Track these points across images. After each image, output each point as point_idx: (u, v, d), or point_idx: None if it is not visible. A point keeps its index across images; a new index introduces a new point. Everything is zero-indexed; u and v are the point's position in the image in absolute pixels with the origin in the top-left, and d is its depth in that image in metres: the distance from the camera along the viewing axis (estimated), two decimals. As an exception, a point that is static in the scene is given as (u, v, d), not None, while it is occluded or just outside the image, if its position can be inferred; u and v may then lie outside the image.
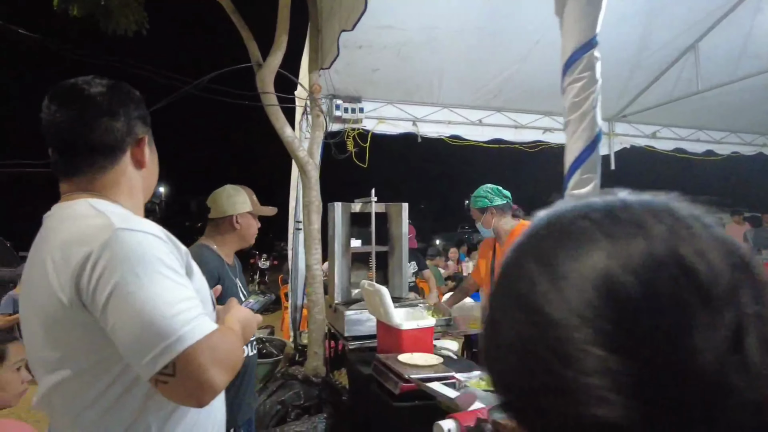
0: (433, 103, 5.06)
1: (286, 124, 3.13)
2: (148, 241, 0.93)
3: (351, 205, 3.44)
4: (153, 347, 0.85)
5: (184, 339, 0.86)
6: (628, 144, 6.16)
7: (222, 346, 0.92)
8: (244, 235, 2.32)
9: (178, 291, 0.91)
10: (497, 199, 3.11)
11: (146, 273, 0.89)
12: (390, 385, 2.20)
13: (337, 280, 3.33)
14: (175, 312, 0.87)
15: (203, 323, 0.90)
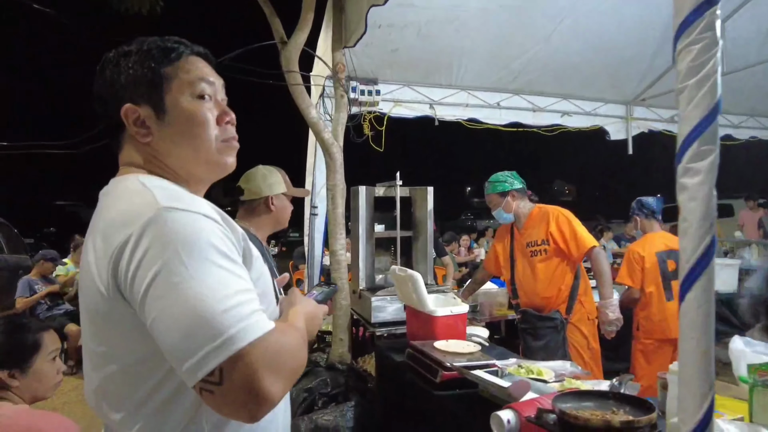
0: (450, 86, 4.93)
1: (311, 105, 3.03)
2: (199, 223, 0.80)
3: (375, 189, 3.34)
4: (197, 350, 0.73)
5: (235, 340, 0.73)
6: (645, 129, 6.05)
7: (281, 348, 0.79)
8: (279, 217, 2.24)
9: (231, 282, 0.78)
10: (516, 182, 3.08)
11: (194, 260, 0.76)
12: (429, 373, 2.13)
13: (361, 265, 3.25)
14: (227, 307, 0.75)
15: (259, 321, 0.78)
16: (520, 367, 2.19)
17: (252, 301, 0.80)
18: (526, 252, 3.04)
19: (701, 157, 0.85)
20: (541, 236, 2.97)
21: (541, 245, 2.97)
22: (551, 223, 2.94)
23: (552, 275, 2.92)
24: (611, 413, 1.38)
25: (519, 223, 3.13)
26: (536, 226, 3.02)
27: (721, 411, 1.60)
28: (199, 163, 0.97)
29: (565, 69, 4.99)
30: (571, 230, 2.90)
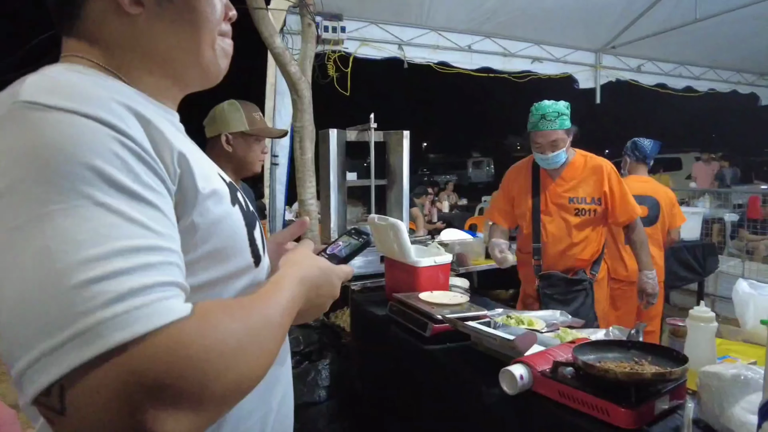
0: (420, 25, 4.62)
1: (276, 33, 2.67)
2: (78, 131, 0.49)
3: (347, 133, 3.07)
4: (27, 347, 0.44)
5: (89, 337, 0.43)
6: (614, 78, 5.98)
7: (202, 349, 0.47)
8: (240, 160, 1.95)
9: (114, 233, 0.47)
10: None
11: (54, 191, 0.46)
12: (417, 326, 1.96)
13: (332, 216, 3.01)
14: (88, 278, 0.44)
15: (150, 305, 0.46)
16: (510, 317, 2.06)
17: (156, 267, 0.48)
18: (569, 209, 2.49)
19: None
20: (592, 193, 2.47)
21: (591, 204, 2.46)
22: (605, 180, 2.46)
23: (590, 236, 2.50)
24: (637, 364, 1.25)
25: (556, 171, 2.53)
26: (585, 180, 2.49)
27: (734, 356, 1.53)
28: (194, 62, 0.67)
29: (539, 13, 4.77)
30: (622, 192, 2.48)
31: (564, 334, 1.86)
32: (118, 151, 0.50)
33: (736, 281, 4.70)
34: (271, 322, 0.57)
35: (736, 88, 7.01)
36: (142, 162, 0.52)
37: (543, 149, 2.45)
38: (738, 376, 1.13)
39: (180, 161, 0.58)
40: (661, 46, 5.74)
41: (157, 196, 0.52)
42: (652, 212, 3.20)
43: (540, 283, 2.59)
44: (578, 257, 2.52)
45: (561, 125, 2.41)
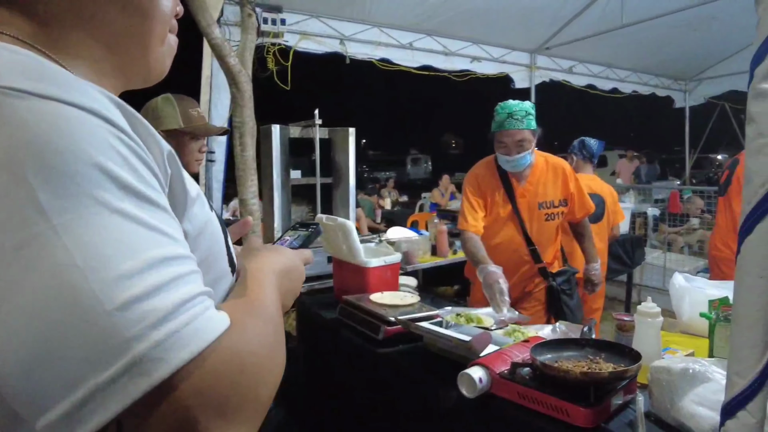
0: (362, 21, 4.56)
1: (214, 23, 2.50)
2: (78, 126, 0.41)
3: (290, 129, 2.96)
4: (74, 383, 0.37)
5: (146, 368, 0.38)
6: (547, 78, 6.21)
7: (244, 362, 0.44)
8: None
9: (142, 243, 0.41)
10: None
11: (63, 199, 0.38)
12: (369, 329, 1.91)
13: (276, 215, 2.90)
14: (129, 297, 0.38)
15: (202, 317, 0.43)
16: (459, 316, 2.06)
17: (187, 278, 0.43)
18: (539, 214, 2.42)
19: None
20: (558, 196, 2.42)
21: (559, 207, 2.42)
22: (570, 182, 2.42)
23: (554, 238, 2.51)
24: (593, 362, 1.27)
25: (521, 174, 2.41)
26: (549, 182, 2.42)
27: (674, 347, 1.60)
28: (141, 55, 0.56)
29: (478, 12, 4.85)
30: (579, 190, 2.46)
31: (514, 331, 1.88)
32: (119, 147, 0.43)
33: (661, 271, 5.03)
34: (275, 321, 0.55)
35: (655, 91, 7.51)
36: (140, 160, 0.45)
37: (509, 150, 2.33)
38: (687, 370, 1.16)
39: (170, 161, 0.50)
40: (590, 48, 6.02)
41: (162, 198, 0.46)
42: (599, 209, 3.33)
43: (556, 281, 2.47)
44: (547, 261, 2.51)
45: (528, 125, 2.30)
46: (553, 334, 1.83)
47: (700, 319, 1.58)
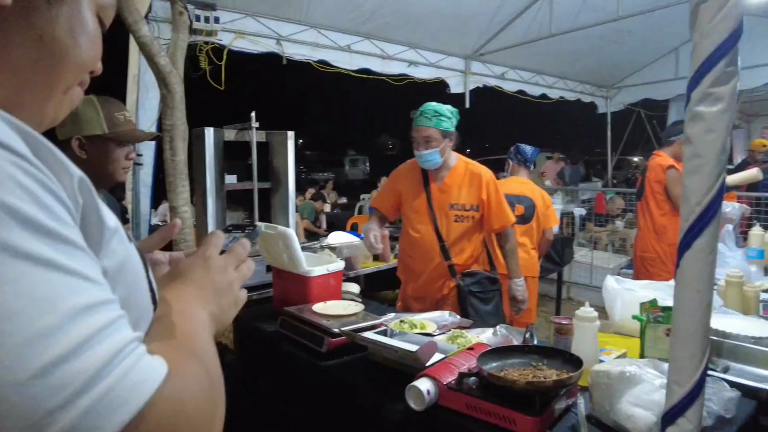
0: (300, 21, 4.47)
1: (141, 20, 2.32)
2: None
3: (225, 132, 2.83)
4: None
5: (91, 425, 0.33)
6: (481, 83, 6.39)
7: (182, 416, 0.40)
8: (98, 169, 1.66)
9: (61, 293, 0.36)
10: (455, 125, 2.48)
11: None
12: (312, 342, 1.86)
13: (210, 223, 2.76)
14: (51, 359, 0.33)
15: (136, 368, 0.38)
16: (402, 322, 2.05)
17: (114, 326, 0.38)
18: (449, 215, 2.51)
19: (725, 81, 0.70)
20: (471, 200, 2.50)
21: (470, 211, 2.50)
22: (484, 188, 2.49)
23: (467, 242, 2.54)
24: (537, 369, 1.30)
25: (439, 175, 2.52)
26: (465, 186, 2.51)
27: (609, 348, 1.67)
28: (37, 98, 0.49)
29: (414, 17, 4.91)
30: (498, 200, 2.52)
31: (457, 336, 1.89)
32: (21, 179, 0.36)
33: (588, 269, 5.30)
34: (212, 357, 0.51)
35: (580, 97, 7.95)
36: (48, 191, 0.38)
37: (417, 145, 2.46)
38: (624, 373, 1.21)
39: (82, 189, 0.43)
40: (521, 56, 6.27)
41: (76, 233, 0.40)
42: (528, 212, 3.46)
43: (464, 281, 2.54)
44: (457, 263, 2.54)
45: (437, 124, 2.41)
46: (494, 338, 1.86)
47: (631, 319, 1.66)
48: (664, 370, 1.24)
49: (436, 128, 2.41)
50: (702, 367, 0.78)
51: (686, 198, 0.76)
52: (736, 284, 2.10)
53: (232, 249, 0.69)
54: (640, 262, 3.54)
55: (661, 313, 1.47)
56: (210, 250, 0.66)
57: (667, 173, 3.39)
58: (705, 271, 0.75)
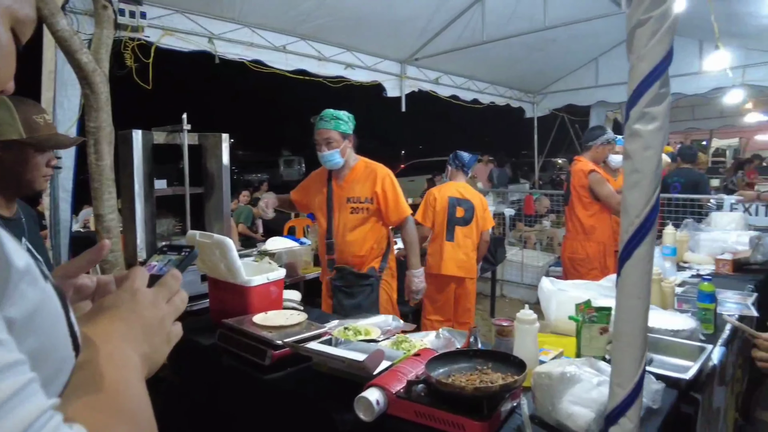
0: (233, 20, 4.32)
1: (58, 12, 2.12)
2: None
3: (154, 135, 2.68)
4: None
5: None
6: (416, 88, 6.49)
7: None
8: (14, 177, 1.52)
9: None
10: (353, 128, 2.76)
11: None
12: (254, 354, 1.80)
13: (138, 231, 2.60)
14: None
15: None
16: (347, 329, 2.04)
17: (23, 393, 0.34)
18: (346, 207, 2.76)
19: (659, 101, 0.75)
20: (366, 194, 2.73)
21: (365, 203, 2.72)
22: (378, 183, 2.71)
23: (366, 234, 2.75)
24: (483, 373, 1.33)
25: (340, 174, 2.79)
26: (361, 182, 2.76)
27: (547, 347, 1.74)
28: None
29: (351, 20, 4.90)
30: (394, 195, 2.73)
31: (401, 341, 1.90)
32: None
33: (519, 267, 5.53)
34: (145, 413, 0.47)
35: (510, 102, 8.30)
36: None
37: (319, 146, 2.69)
38: (564, 374, 1.27)
39: None
40: (454, 62, 6.44)
41: None
42: (468, 214, 3.61)
43: (333, 276, 2.80)
44: (357, 254, 2.75)
45: (336, 126, 2.66)
46: (437, 341, 1.89)
47: (566, 319, 1.74)
48: (600, 369, 1.32)
49: (335, 130, 2.66)
50: (641, 369, 0.82)
51: (626, 211, 0.81)
52: (655, 281, 2.26)
53: (163, 281, 0.63)
54: (569, 263, 3.74)
55: (596, 314, 1.55)
56: (137, 283, 0.61)
57: (589, 177, 3.60)
58: (644, 279, 0.80)
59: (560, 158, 17.16)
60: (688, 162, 5.82)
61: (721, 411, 2.02)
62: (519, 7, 5.43)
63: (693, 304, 2.21)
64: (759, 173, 10.10)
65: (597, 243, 3.59)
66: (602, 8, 5.14)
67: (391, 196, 2.72)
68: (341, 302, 2.78)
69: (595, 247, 3.59)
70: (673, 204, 5.20)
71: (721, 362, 1.84)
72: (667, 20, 0.74)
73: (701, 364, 1.60)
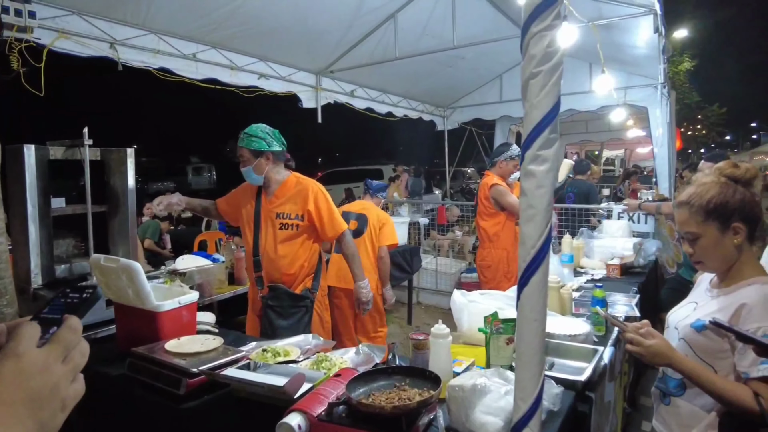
0: (138, 25, 4.08)
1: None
2: None
3: (49, 150, 2.48)
4: None
5: None
6: (332, 99, 6.53)
7: None
8: None
9: None
10: (276, 144, 2.68)
11: None
12: (168, 384, 1.73)
13: (32, 254, 2.38)
14: None
15: None
16: (265, 351, 2.02)
17: None
18: (275, 223, 2.69)
19: (549, 145, 0.85)
20: (296, 211, 2.68)
21: (295, 220, 2.67)
22: (310, 200, 2.67)
23: (296, 252, 2.69)
24: (401, 390, 1.39)
25: (268, 189, 2.74)
26: (292, 199, 2.70)
27: (460, 358, 1.85)
28: None
29: (266, 30, 4.84)
30: (328, 211, 2.70)
31: (322, 360, 1.92)
32: None
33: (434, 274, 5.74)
34: None
35: (422, 116, 8.60)
36: None
37: (240, 163, 2.70)
38: (476, 386, 1.37)
39: None
40: (369, 75, 6.57)
41: None
42: (360, 226, 3.77)
43: (263, 294, 2.70)
44: (286, 272, 2.69)
45: (246, 145, 2.65)
46: (357, 357, 1.93)
47: (477, 330, 1.86)
48: (508, 378, 1.43)
49: (246, 148, 2.65)
50: (540, 384, 0.92)
51: (523, 242, 0.91)
52: (554, 288, 2.48)
53: (58, 336, 0.54)
54: (479, 269, 3.99)
55: (502, 325, 1.67)
56: (23, 346, 0.51)
57: (491, 191, 3.83)
58: (540, 303, 0.90)
59: (469, 167, 18.08)
60: (580, 174, 6.40)
61: (612, 404, 2.25)
62: (429, 26, 5.67)
63: (588, 308, 2.44)
64: (641, 182, 11.35)
65: (501, 249, 3.84)
66: (506, 30, 5.53)
67: (325, 212, 2.69)
68: (272, 322, 2.67)
69: (499, 253, 3.84)
70: (570, 213, 5.67)
71: (611, 360, 2.06)
72: (555, 73, 0.85)
73: (594, 364, 1.79)
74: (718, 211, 1.44)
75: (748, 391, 1.29)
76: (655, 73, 6.17)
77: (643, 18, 4.60)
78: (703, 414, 1.45)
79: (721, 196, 1.45)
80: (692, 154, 24.51)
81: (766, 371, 1.27)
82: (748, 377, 1.31)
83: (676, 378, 1.52)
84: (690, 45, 17.90)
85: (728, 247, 1.45)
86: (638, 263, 3.68)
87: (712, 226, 1.45)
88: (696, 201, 1.47)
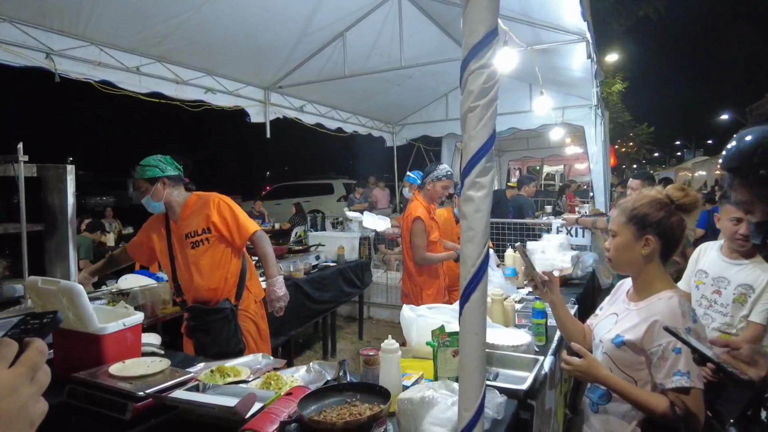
0: (77, 36, 3.94)
1: None
2: None
3: (-21, 167, 2.35)
4: None
5: None
6: (281, 114, 6.52)
7: None
8: None
9: None
10: (170, 169, 2.74)
11: None
12: (112, 409, 1.67)
13: (-42, 277, 2.24)
14: None
15: None
16: (213, 372, 2.00)
17: None
18: (186, 244, 2.74)
19: (486, 173, 0.93)
20: (201, 225, 2.73)
21: (203, 234, 2.73)
22: (213, 212, 2.72)
23: (217, 264, 2.73)
24: (352, 405, 1.42)
25: (174, 213, 2.78)
26: (195, 216, 2.75)
27: (409, 372, 1.90)
28: None
29: (213, 44, 4.80)
30: (233, 217, 2.75)
31: (271, 380, 1.91)
32: None
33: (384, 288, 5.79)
34: None
35: (371, 132, 8.72)
36: None
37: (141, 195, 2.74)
38: (424, 398, 1.42)
39: None
40: (319, 91, 6.63)
41: None
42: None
43: (187, 317, 2.78)
44: (209, 287, 2.73)
45: (141, 175, 2.70)
46: (308, 375, 1.94)
47: (425, 344, 1.92)
48: (454, 389, 1.49)
49: (141, 178, 2.70)
50: (482, 394, 0.99)
51: (464, 261, 0.98)
52: (498, 301, 2.60)
53: (26, 358, 0.56)
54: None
55: (448, 338, 1.75)
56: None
57: (413, 225, 3.58)
58: (480, 318, 0.97)
59: (419, 182, 18.42)
60: (519, 190, 6.70)
61: (553, 410, 2.37)
62: (378, 46, 5.80)
63: (530, 318, 2.57)
64: (578, 197, 11.98)
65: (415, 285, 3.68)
66: (451, 52, 5.74)
67: (230, 219, 2.74)
68: (200, 341, 2.74)
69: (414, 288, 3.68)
70: (510, 227, 5.90)
71: (551, 369, 2.18)
72: (491, 108, 0.93)
73: (535, 373, 1.89)
74: (638, 218, 1.60)
75: (665, 400, 1.43)
76: (590, 94, 6.59)
77: (577, 44, 4.92)
78: (625, 423, 1.60)
79: (646, 208, 1.60)
80: (626, 170, 26.04)
81: (678, 382, 1.41)
82: (664, 388, 1.45)
83: (602, 389, 1.65)
84: (621, 68, 19.14)
85: (636, 254, 1.60)
86: (576, 275, 3.89)
87: (630, 230, 1.61)
88: (627, 205, 1.65)
